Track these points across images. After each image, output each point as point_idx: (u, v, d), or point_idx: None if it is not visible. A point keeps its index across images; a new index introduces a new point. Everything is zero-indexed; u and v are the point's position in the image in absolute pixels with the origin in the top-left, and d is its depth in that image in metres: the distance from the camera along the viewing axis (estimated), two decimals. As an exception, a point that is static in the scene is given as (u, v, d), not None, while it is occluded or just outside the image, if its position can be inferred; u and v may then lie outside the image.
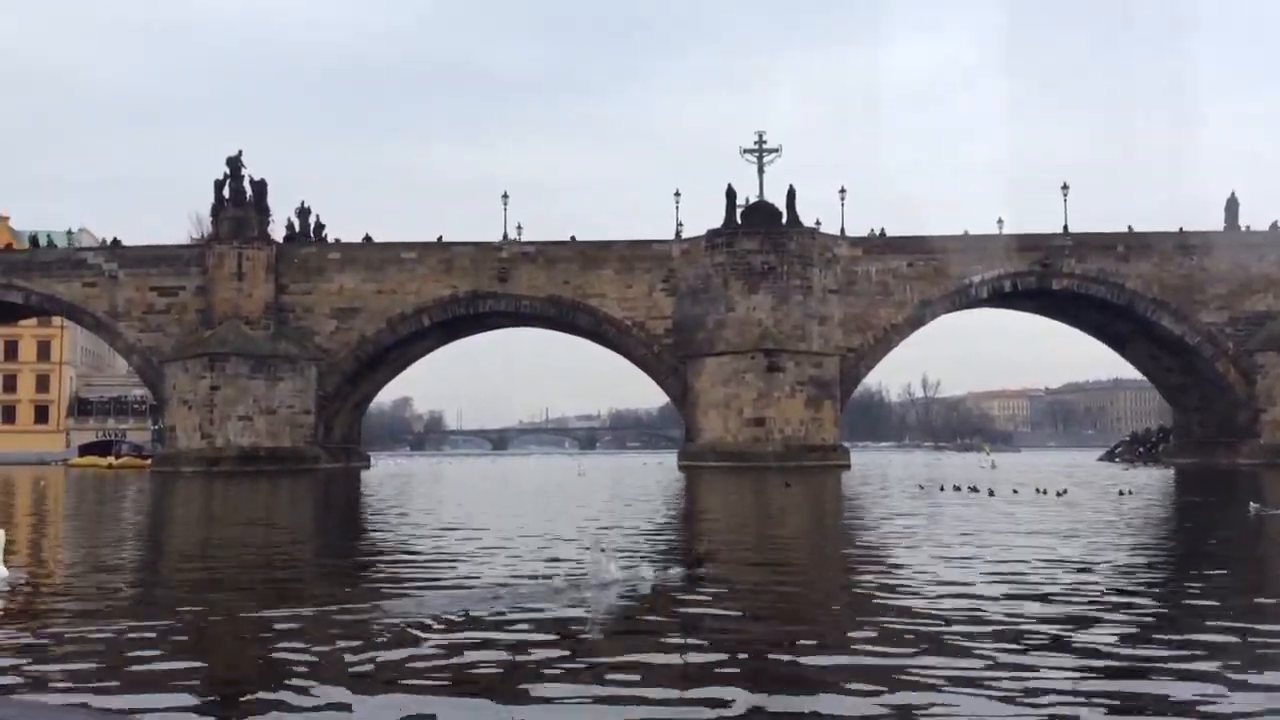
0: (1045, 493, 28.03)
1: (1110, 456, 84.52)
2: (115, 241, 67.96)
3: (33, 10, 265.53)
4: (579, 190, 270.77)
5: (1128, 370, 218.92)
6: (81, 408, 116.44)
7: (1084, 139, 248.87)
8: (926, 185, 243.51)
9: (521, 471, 66.71)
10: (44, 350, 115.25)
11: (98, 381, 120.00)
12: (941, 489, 31.29)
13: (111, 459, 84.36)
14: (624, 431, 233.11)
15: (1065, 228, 64.82)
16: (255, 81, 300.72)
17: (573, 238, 66.26)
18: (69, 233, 72.84)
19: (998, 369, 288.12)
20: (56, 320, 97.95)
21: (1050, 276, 64.15)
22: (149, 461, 74.29)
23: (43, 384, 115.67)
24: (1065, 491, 28.52)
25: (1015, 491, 29.45)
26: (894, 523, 19.96)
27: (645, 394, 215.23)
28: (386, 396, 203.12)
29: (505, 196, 66.40)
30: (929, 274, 64.08)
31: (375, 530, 20.41)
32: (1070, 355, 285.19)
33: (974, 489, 29.79)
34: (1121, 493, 28.73)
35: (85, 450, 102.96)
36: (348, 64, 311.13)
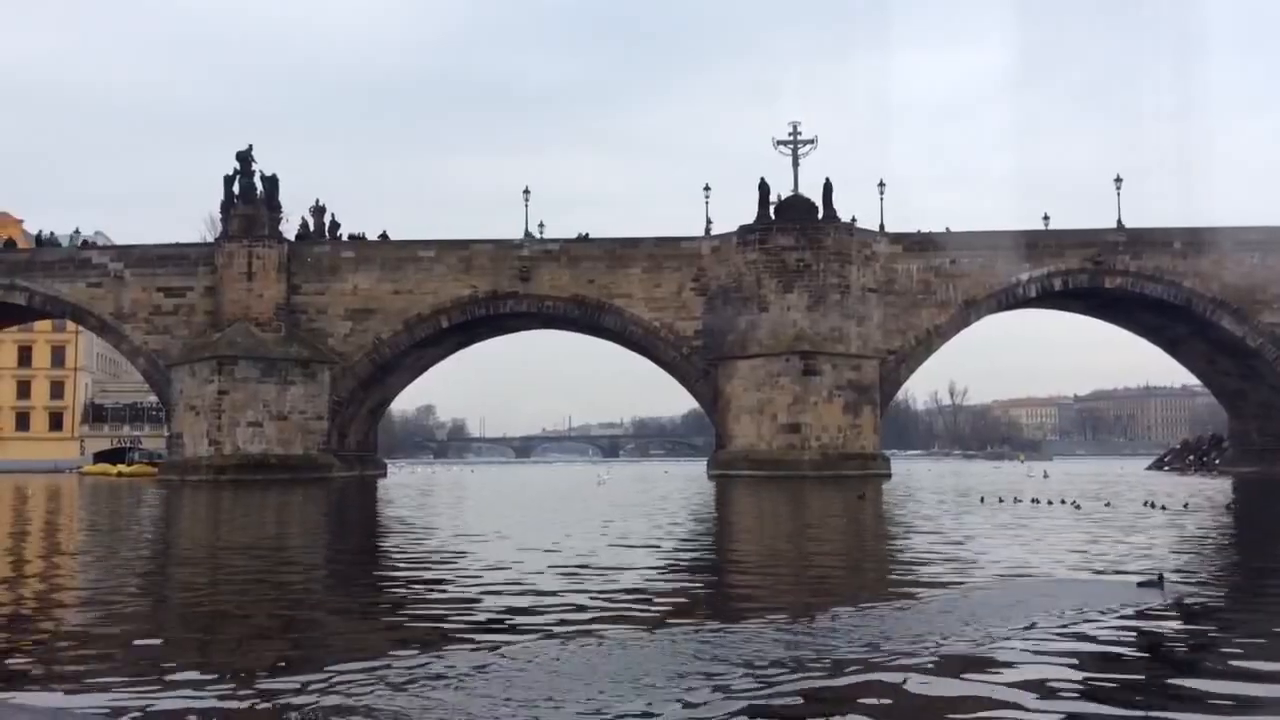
0: (1155, 506, 24.68)
1: (1159, 465, 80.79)
2: (85, 242, 65.46)
3: (62, 27, 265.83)
4: (603, 202, 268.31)
5: (1158, 377, 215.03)
6: (96, 414, 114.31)
7: (1107, 142, 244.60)
8: (949, 195, 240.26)
9: (545, 480, 63.70)
10: (59, 356, 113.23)
11: (113, 387, 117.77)
12: (1016, 500, 28.06)
13: (121, 467, 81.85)
14: (647, 439, 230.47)
15: (1119, 222, 61.31)
16: (279, 95, 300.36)
17: (586, 234, 63.19)
18: (75, 232, 70.12)
19: (1025, 376, 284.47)
20: (71, 325, 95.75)
21: (1103, 274, 60.60)
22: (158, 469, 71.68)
23: (57, 390, 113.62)
24: (1187, 506, 25.16)
25: (1108, 505, 26.11)
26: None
27: (668, 402, 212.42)
28: (409, 404, 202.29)
29: (526, 192, 63.47)
30: (974, 272, 60.67)
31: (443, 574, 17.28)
32: (1099, 362, 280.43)
33: (1070, 502, 26.42)
34: (1229, 507, 25.44)
35: (100, 457, 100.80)
36: (374, 78, 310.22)
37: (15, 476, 68.73)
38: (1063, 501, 26.74)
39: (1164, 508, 24.19)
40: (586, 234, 63.43)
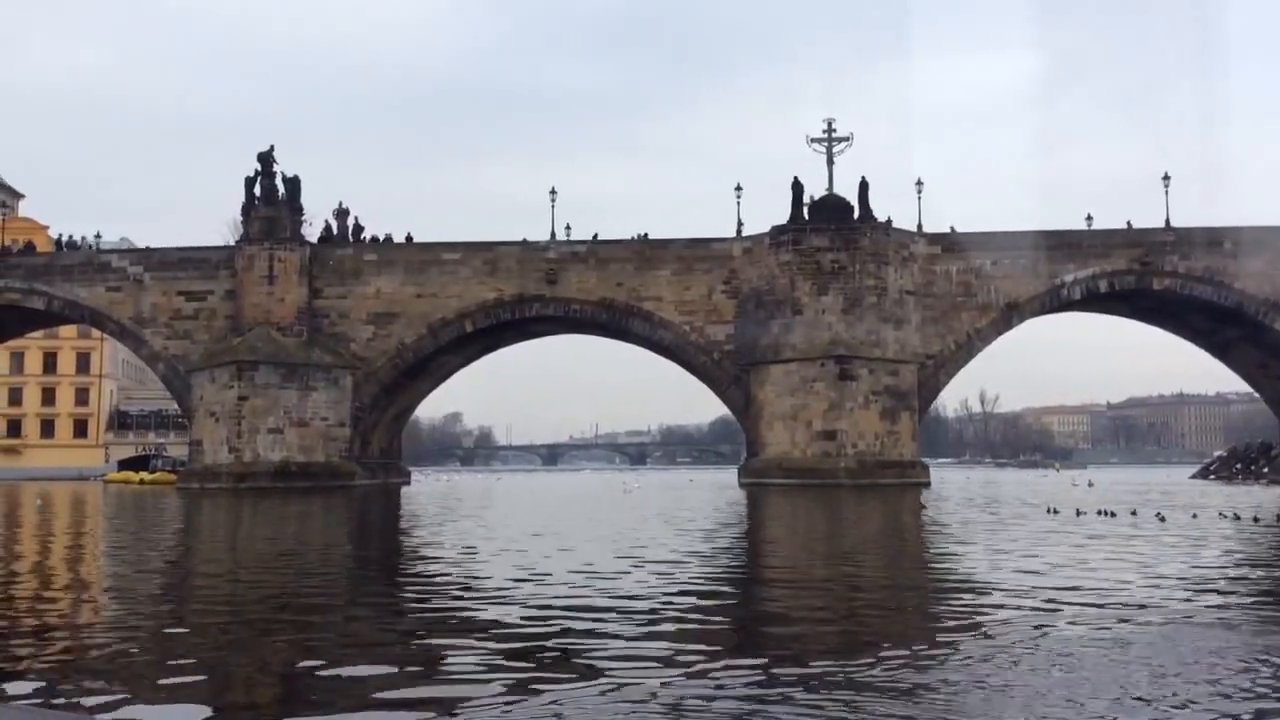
0: (1238, 517, 22.61)
1: (1205, 473, 78.24)
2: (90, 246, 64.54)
3: (100, 41, 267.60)
4: (632, 209, 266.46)
5: (1191, 384, 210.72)
6: (121, 421, 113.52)
7: (1131, 147, 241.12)
8: (973, 200, 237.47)
9: (572, 490, 62.03)
10: (84, 362, 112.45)
11: (138, 394, 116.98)
12: (1080, 511, 25.94)
13: (143, 475, 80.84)
14: (674, 447, 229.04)
15: (1167, 222, 59.01)
16: (308, 105, 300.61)
17: (645, 235, 61.52)
18: (97, 236, 68.88)
19: (1055, 383, 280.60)
20: (96, 331, 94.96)
21: (1150, 275, 58.30)
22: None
23: (82, 397, 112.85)
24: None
25: (1195, 516, 24.03)
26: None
27: (695, 409, 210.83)
28: (436, 411, 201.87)
29: (553, 193, 61.85)
30: (1016, 273, 58.54)
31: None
32: (1131, 368, 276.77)
33: (1155, 514, 24.27)
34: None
35: (124, 465, 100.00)
36: (404, 87, 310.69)
37: (39, 484, 67.77)
38: (1133, 513, 24.68)
39: (1256, 519, 22.12)
40: (645, 234, 61.76)
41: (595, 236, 61.58)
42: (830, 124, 58.66)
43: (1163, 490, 45.82)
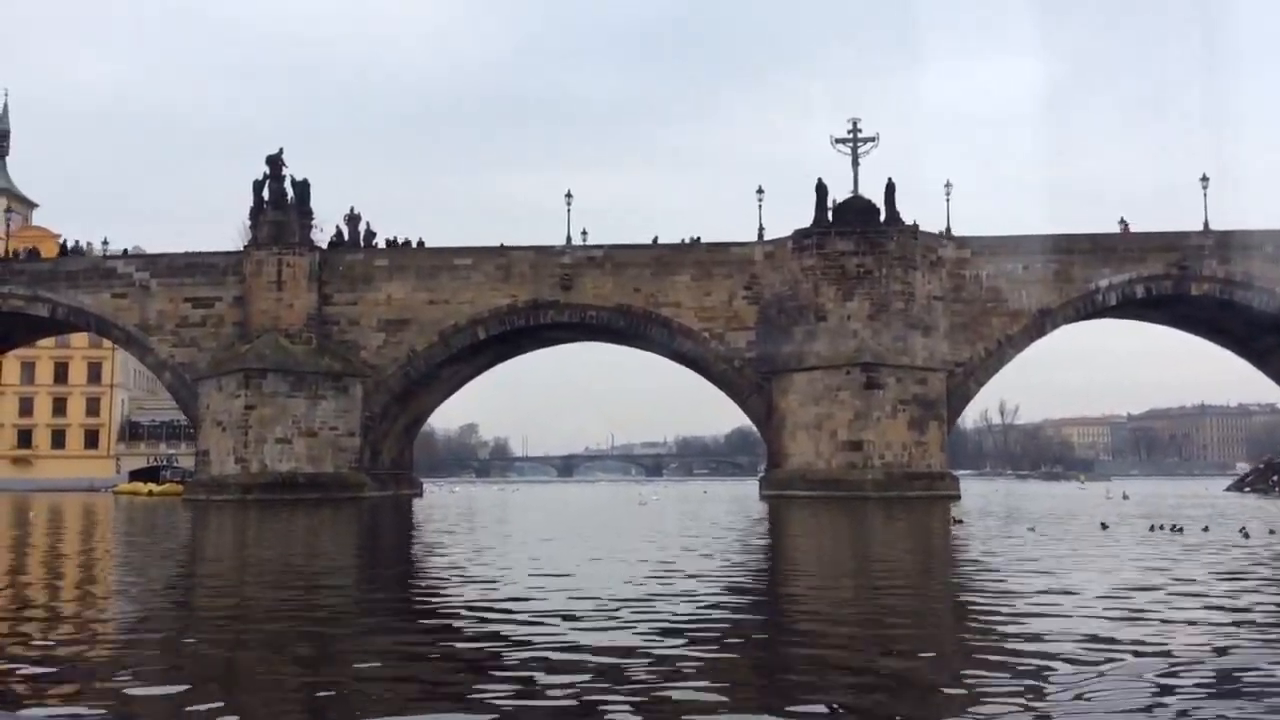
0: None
1: (1240, 486, 76.02)
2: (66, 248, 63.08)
3: (128, 54, 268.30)
4: (649, 216, 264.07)
5: (1212, 395, 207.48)
6: (133, 431, 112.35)
7: (1140, 152, 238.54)
8: (982, 204, 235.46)
9: (587, 504, 60.25)
10: (95, 372, 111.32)
11: (150, 404, 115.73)
12: (1157, 527, 23.86)
13: (153, 486, 79.49)
14: (690, 458, 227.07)
15: (1205, 224, 57.05)
16: (329, 115, 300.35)
17: (698, 238, 59.84)
18: (104, 242, 67.46)
19: (1072, 394, 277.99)
20: (108, 341, 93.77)
21: (1188, 280, 56.32)
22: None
23: (93, 407, 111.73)
24: None
25: (1272, 532, 22.03)
26: None
27: (712, 420, 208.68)
28: (452, 423, 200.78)
29: (569, 196, 60.21)
30: (1048, 278, 56.61)
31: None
32: (1151, 378, 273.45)
33: (1240, 529, 22.20)
34: None
35: (135, 476, 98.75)
36: (425, 98, 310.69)
37: (49, 496, 66.42)
38: (1205, 529, 22.63)
39: (1272, 532, 20.16)
40: (698, 238, 59.84)
41: (656, 240, 59.87)
42: (855, 124, 56.83)
43: (1209, 504, 43.65)
